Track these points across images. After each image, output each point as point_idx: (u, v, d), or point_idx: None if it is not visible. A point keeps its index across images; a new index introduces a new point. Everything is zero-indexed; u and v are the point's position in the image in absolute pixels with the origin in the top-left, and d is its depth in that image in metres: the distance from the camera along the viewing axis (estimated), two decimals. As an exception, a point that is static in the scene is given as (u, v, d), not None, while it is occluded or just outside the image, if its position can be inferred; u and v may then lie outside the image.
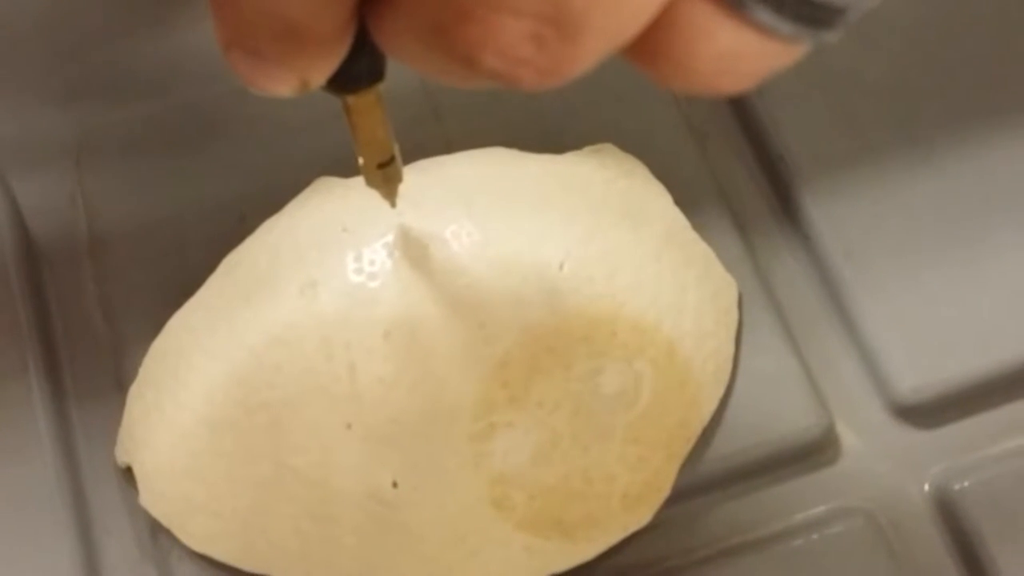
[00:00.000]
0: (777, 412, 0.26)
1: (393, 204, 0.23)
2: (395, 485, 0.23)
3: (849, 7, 0.13)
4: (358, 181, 0.26)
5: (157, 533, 0.25)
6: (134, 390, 0.26)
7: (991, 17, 0.30)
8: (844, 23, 0.13)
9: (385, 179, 0.22)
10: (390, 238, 0.25)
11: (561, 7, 0.12)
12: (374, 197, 0.23)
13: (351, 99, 0.19)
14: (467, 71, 0.14)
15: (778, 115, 0.29)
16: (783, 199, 0.28)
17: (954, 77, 0.29)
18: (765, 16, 0.13)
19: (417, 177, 0.25)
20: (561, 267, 0.25)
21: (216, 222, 0.27)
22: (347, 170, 0.27)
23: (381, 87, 0.19)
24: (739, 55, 0.13)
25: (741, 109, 0.29)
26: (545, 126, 0.28)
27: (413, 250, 0.25)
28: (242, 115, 0.29)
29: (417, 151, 0.27)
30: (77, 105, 0.30)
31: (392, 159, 0.22)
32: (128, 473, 0.25)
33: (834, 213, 0.27)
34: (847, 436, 0.26)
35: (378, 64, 0.18)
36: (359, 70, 0.17)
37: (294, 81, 0.16)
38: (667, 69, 0.14)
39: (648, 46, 0.13)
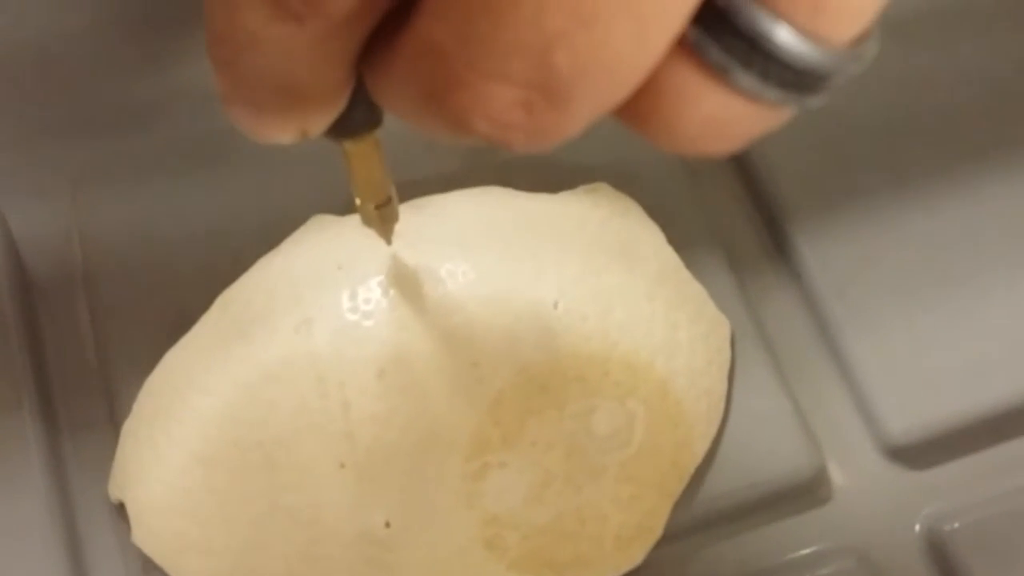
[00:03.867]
0: (769, 452, 0.26)
1: (389, 242, 0.23)
2: (387, 525, 0.23)
3: (834, 73, 0.13)
4: (353, 219, 0.26)
5: (149, 570, 0.25)
6: (128, 426, 0.26)
7: (982, 59, 0.30)
8: (829, 89, 0.14)
9: (382, 219, 0.22)
10: (385, 276, 0.25)
11: (550, 75, 0.13)
12: (369, 235, 0.23)
13: (349, 144, 0.19)
14: (458, 133, 0.14)
15: (771, 155, 0.29)
16: (776, 238, 0.28)
17: (945, 118, 0.29)
18: (750, 82, 0.13)
19: (412, 215, 0.25)
20: (555, 306, 0.25)
21: (211, 257, 0.27)
22: (342, 206, 0.27)
23: (378, 130, 0.19)
24: (725, 120, 0.14)
25: (735, 148, 0.29)
26: (540, 165, 0.28)
27: (408, 288, 0.25)
28: (238, 150, 0.29)
29: (412, 188, 0.27)
30: (73, 138, 0.30)
31: (389, 200, 0.22)
32: (121, 509, 0.25)
33: (826, 253, 0.28)
34: (838, 476, 0.26)
35: (375, 111, 0.18)
36: (357, 118, 0.17)
37: (293, 131, 0.16)
38: (654, 131, 0.14)
39: (636, 109, 0.14)
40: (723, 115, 0.14)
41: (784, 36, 0.13)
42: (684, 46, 0.13)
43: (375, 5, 0.13)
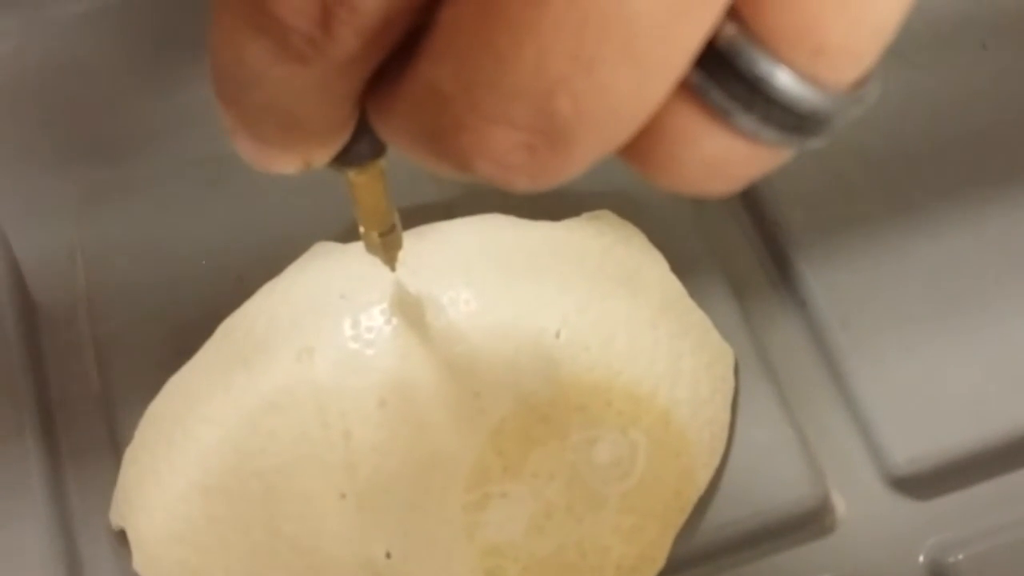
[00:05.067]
0: (772, 481, 0.26)
1: (393, 269, 0.23)
2: (388, 555, 0.23)
3: (834, 116, 0.13)
4: (356, 247, 0.26)
5: (150, 598, 0.25)
6: (129, 453, 0.25)
7: (986, 88, 0.30)
8: (829, 131, 0.14)
9: (385, 247, 0.22)
10: (387, 305, 0.25)
11: (552, 119, 0.13)
12: (372, 263, 0.23)
13: (354, 174, 0.19)
14: (461, 172, 0.14)
15: (775, 183, 0.29)
16: (780, 267, 0.28)
17: (949, 147, 0.29)
18: (751, 124, 0.13)
19: (416, 243, 0.25)
20: (557, 335, 0.25)
21: (214, 283, 0.28)
22: (345, 233, 0.27)
23: (383, 160, 0.19)
24: (726, 161, 0.14)
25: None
26: (543, 193, 0.28)
27: (410, 317, 0.25)
28: (241, 175, 0.29)
29: (416, 215, 0.27)
30: (77, 162, 0.30)
31: (393, 228, 0.22)
32: (122, 536, 0.25)
33: (830, 281, 0.28)
34: (842, 506, 0.26)
35: (379, 143, 0.18)
36: (361, 149, 0.17)
37: (298, 163, 0.16)
38: (656, 172, 0.14)
39: (638, 150, 0.14)
40: (724, 156, 0.13)
41: (784, 80, 0.13)
42: (686, 88, 0.13)
43: (379, 47, 0.13)
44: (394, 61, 0.14)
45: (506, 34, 0.12)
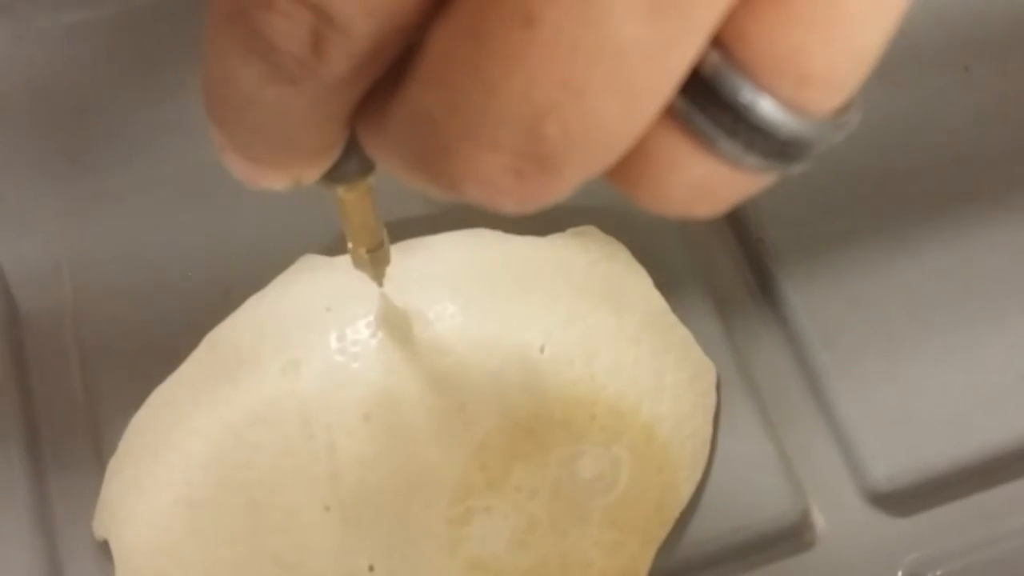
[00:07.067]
0: (753, 497, 0.26)
1: (380, 284, 0.23)
2: (371, 568, 0.23)
3: (817, 142, 0.14)
4: (342, 260, 0.26)
5: (132, 610, 0.25)
6: (113, 464, 0.26)
7: (968, 109, 0.30)
8: (811, 156, 0.14)
9: (373, 263, 0.23)
10: (373, 318, 0.25)
11: (540, 144, 0.13)
12: (358, 277, 0.23)
13: (342, 190, 0.20)
14: (449, 194, 0.14)
15: (758, 200, 0.28)
16: (762, 283, 0.29)
17: (932, 167, 0.29)
18: (735, 150, 0.13)
19: (402, 257, 0.25)
20: (542, 350, 0.25)
21: (200, 295, 0.28)
22: (332, 246, 0.27)
23: (371, 177, 0.19)
24: (709, 185, 0.14)
25: (722, 193, 0.30)
26: (529, 209, 0.28)
27: (396, 330, 0.25)
28: (228, 188, 0.29)
29: (403, 228, 0.27)
30: (64, 173, 0.30)
31: (381, 244, 0.22)
32: (105, 547, 0.25)
33: (812, 298, 0.28)
34: (822, 522, 0.26)
35: (368, 161, 0.18)
36: (351, 167, 0.17)
37: (288, 180, 0.16)
38: (641, 194, 0.14)
39: (623, 173, 0.14)
40: (708, 181, 0.14)
41: (768, 108, 0.13)
42: (671, 114, 0.13)
43: (369, 69, 0.14)
44: (385, 81, 0.14)
45: (495, 61, 0.12)
